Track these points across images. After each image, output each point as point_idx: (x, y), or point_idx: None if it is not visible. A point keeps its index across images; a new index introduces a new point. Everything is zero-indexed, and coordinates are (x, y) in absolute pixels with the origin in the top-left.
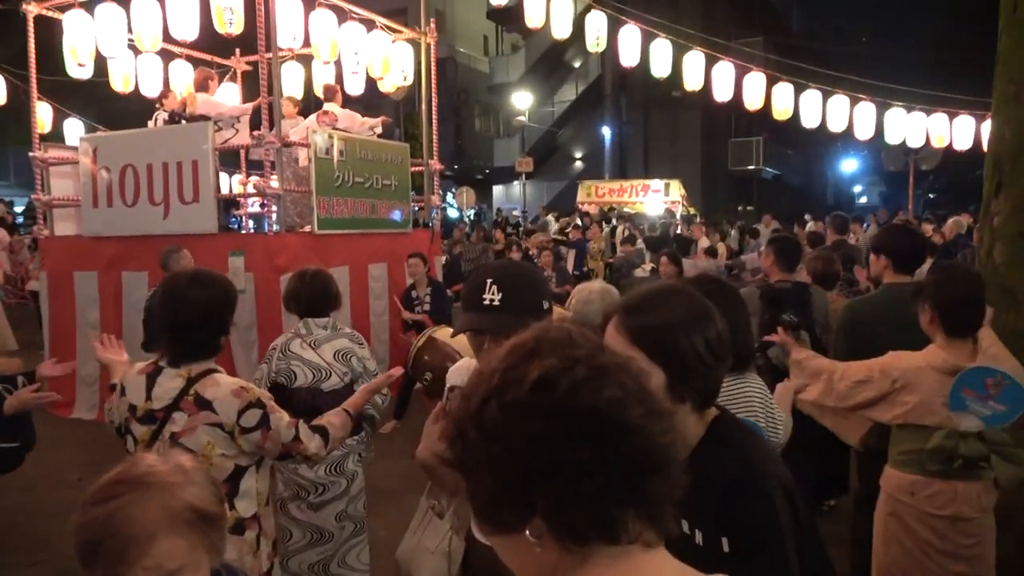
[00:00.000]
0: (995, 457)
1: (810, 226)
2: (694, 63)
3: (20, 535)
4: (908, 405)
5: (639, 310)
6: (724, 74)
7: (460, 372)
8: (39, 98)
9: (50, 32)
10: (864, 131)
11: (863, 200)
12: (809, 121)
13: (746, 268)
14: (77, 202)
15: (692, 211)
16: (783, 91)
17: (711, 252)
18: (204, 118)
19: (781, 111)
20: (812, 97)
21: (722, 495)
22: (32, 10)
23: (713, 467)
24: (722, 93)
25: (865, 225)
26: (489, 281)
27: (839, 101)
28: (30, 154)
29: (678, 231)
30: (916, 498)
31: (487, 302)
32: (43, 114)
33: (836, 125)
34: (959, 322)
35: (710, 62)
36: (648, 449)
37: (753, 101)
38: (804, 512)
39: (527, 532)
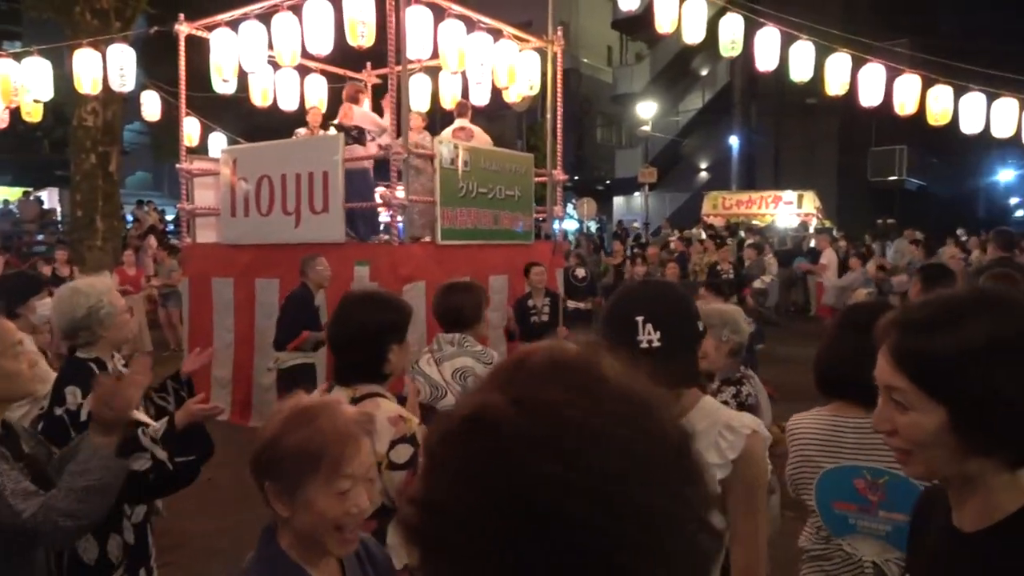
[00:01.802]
0: None
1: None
2: (838, 66)
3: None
4: None
5: (918, 326)
6: (872, 77)
7: None
8: (188, 113)
9: (198, 52)
10: None
11: (1020, 213)
12: (970, 127)
13: (894, 291)
14: (217, 211)
15: (827, 224)
16: (941, 94)
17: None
18: (360, 129)
19: (938, 116)
20: (975, 100)
21: None
22: (183, 30)
23: (1018, 556)
24: (869, 98)
25: None
26: (641, 320)
27: (1006, 104)
28: (177, 166)
29: (811, 244)
30: None
31: (645, 345)
32: (191, 129)
33: (1001, 131)
34: None
35: (856, 65)
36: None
37: (905, 106)
38: None
39: None
